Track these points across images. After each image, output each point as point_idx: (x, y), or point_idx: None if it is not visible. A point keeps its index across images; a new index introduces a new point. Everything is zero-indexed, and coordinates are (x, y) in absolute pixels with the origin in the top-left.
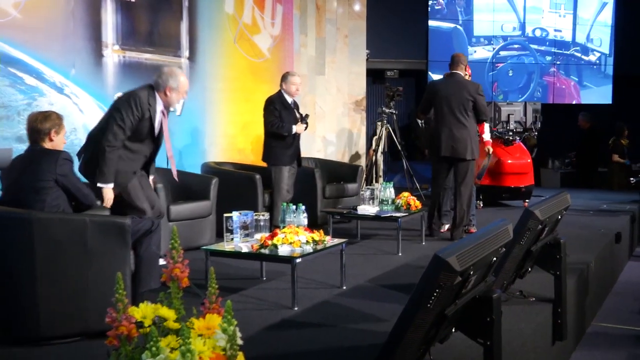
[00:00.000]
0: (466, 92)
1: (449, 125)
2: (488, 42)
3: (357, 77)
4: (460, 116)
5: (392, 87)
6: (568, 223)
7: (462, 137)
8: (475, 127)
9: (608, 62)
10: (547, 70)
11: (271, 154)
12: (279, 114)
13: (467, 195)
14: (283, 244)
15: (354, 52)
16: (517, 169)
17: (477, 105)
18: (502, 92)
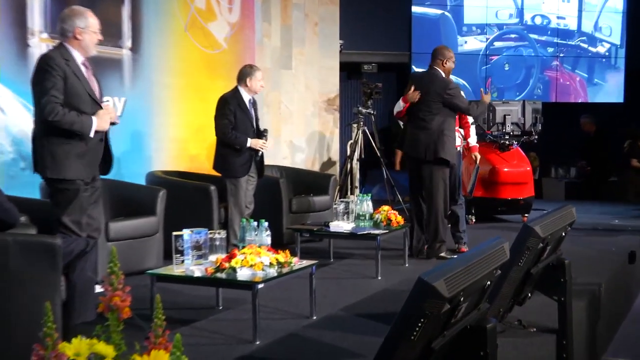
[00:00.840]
0: (432, 90)
1: (412, 123)
2: (481, 31)
3: (329, 71)
4: (422, 115)
5: (369, 83)
6: (574, 241)
7: (422, 138)
8: (446, 128)
9: (619, 54)
10: (549, 64)
11: (224, 164)
12: (233, 116)
13: (435, 205)
14: (242, 266)
15: (325, 42)
16: (515, 178)
17: (449, 105)
18: (497, 89)
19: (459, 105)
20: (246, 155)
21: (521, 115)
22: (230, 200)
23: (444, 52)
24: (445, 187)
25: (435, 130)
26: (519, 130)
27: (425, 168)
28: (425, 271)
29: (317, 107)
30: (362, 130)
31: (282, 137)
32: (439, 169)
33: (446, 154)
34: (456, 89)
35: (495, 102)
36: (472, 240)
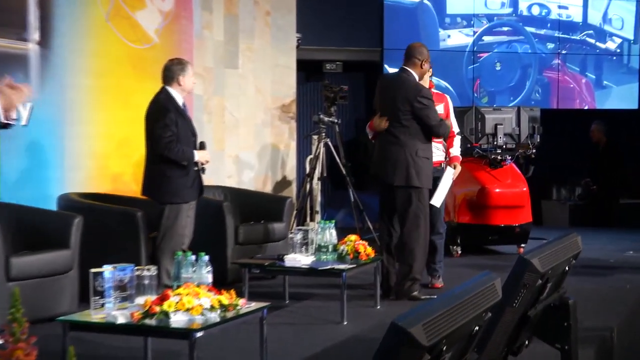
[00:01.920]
0: (402, 96)
1: (381, 138)
2: (467, 23)
3: (284, 71)
4: (392, 128)
5: (333, 86)
6: (580, 276)
7: (391, 156)
8: (420, 144)
9: (633, 50)
10: (549, 62)
11: (164, 186)
12: (175, 126)
13: (408, 236)
14: (177, 310)
15: (279, 36)
16: (509, 200)
17: (415, 116)
18: (486, 93)
19: (428, 120)
20: (192, 173)
21: (516, 125)
22: (165, 230)
23: (422, 50)
24: (424, 215)
25: (408, 146)
26: (513, 142)
27: (399, 193)
28: (400, 314)
29: (269, 114)
30: (325, 143)
31: (226, 151)
32: (416, 193)
33: (422, 180)
34: (430, 100)
35: (484, 109)
36: (457, 276)
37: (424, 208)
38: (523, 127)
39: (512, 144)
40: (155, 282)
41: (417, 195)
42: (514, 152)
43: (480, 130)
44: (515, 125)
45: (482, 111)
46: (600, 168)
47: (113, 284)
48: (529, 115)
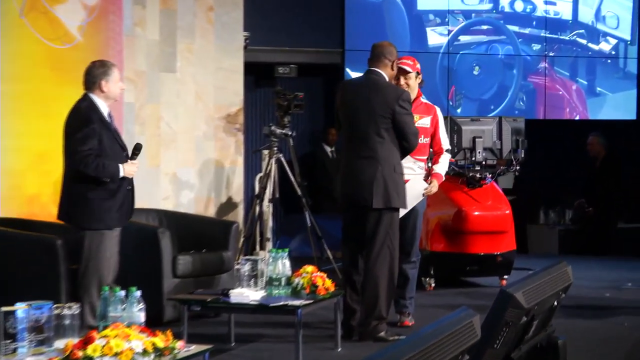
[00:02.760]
0: (381, 101)
1: (351, 154)
2: (441, 21)
3: (229, 76)
4: (368, 139)
5: (286, 92)
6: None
7: (367, 173)
8: (396, 158)
9: (629, 52)
10: (535, 66)
11: (85, 209)
12: (99, 141)
13: (377, 267)
14: (104, 355)
15: (224, 35)
16: (489, 225)
17: (395, 123)
18: (463, 102)
19: (408, 128)
20: (120, 193)
21: (497, 138)
22: (88, 261)
23: (392, 50)
24: (396, 240)
25: (387, 161)
26: (494, 158)
27: (371, 216)
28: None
29: (212, 125)
30: (277, 159)
31: (162, 168)
32: (389, 217)
33: (401, 200)
34: (410, 106)
35: (460, 120)
36: (430, 313)
37: (395, 230)
38: (505, 141)
39: (492, 160)
40: (78, 322)
41: (390, 218)
42: (495, 169)
43: (456, 144)
44: (497, 139)
45: (458, 122)
46: (596, 187)
47: (27, 325)
48: (512, 126)
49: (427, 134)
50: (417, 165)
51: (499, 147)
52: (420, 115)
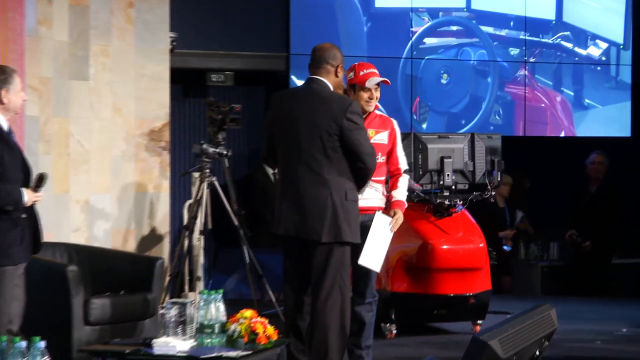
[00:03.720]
0: (325, 115)
1: (293, 178)
2: (403, 20)
3: (153, 84)
4: (313, 161)
5: (221, 104)
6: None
7: (313, 202)
8: (349, 182)
9: (622, 58)
10: (513, 74)
11: None
12: None
13: (326, 311)
14: None
15: (146, 36)
16: (461, 261)
17: (344, 140)
18: (428, 115)
19: (360, 146)
20: (20, 224)
21: (469, 159)
22: None
23: (335, 53)
24: (347, 280)
25: (335, 187)
26: (466, 182)
27: (318, 252)
28: None
29: (132, 143)
30: (209, 183)
31: (72, 194)
32: (340, 252)
33: (353, 233)
34: (361, 120)
35: (426, 137)
36: None
37: (346, 270)
38: (479, 162)
39: (464, 184)
40: None
41: (341, 253)
42: (467, 194)
43: (421, 165)
44: (469, 159)
45: (422, 139)
46: (591, 216)
47: None
48: (487, 145)
49: (384, 151)
50: (373, 189)
51: (471, 168)
52: (376, 130)
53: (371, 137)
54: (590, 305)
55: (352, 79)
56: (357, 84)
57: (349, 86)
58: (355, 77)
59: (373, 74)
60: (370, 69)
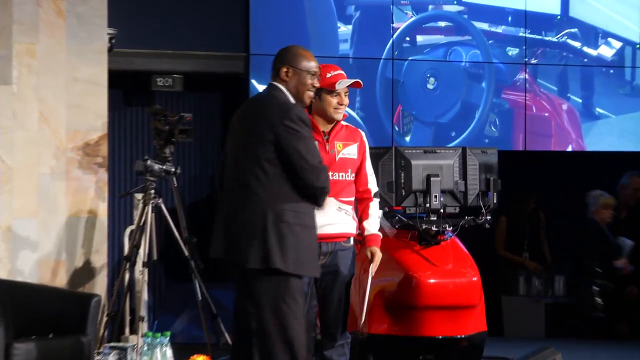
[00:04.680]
0: (262, 123)
1: (227, 196)
2: (382, 16)
3: (88, 89)
4: (247, 176)
5: (169, 113)
6: None
7: (242, 221)
8: (290, 202)
9: (638, 59)
10: (512, 77)
11: None
12: None
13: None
14: None
15: (80, 33)
16: (450, 297)
17: (280, 151)
18: (412, 126)
19: (299, 158)
20: None
21: (460, 177)
22: None
23: (295, 55)
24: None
25: (270, 206)
26: (457, 204)
27: (254, 282)
28: None
29: (63, 159)
30: (155, 206)
31: None
32: (281, 284)
33: (287, 260)
34: (306, 126)
35: (409, 151)
36: None
37: (294, 310)
38: (472, 181)
39: (454, 207)
40: None
41: (283, 288)
42: (458, 219)
43: (404, 185)
44: (460, 178)
45: (405, 155)
46: None
47: None
48: (481, 161)
49: (354, 167)
50: (343, 212)
51: (463, 189)
52: (343, 143)
53: (339, 152)
54: (604, 349)
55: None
56: (324, 87)
57: None
58: (320, 81)
59: (341, 76)
60: (337, 71)
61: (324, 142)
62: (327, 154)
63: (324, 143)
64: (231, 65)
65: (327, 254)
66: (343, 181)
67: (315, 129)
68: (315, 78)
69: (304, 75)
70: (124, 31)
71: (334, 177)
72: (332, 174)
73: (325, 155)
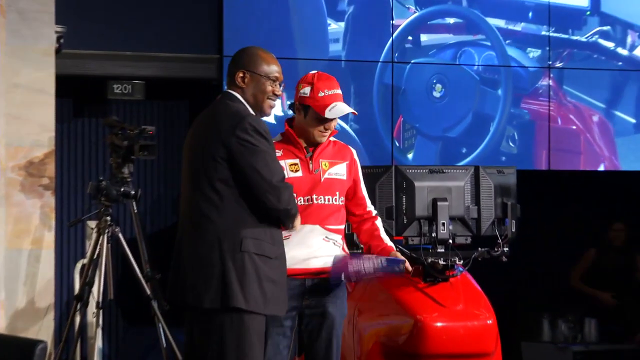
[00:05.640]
0: (214, 136)
1: (180, 224)
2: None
3: (31, 98)
4: (200, 199)
5: (128, 126)
6: None
7: (195, 253)
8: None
9: None
10: (533, 84)
11: None
12: None
13: None
14: None
15: (23, 30)
16: (462, 343)
17: (234, 167)
18: (415, 141)
19: (256, 176)
20: None
21: (472, 202)
22: None
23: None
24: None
25: (226, 233)
26: (469, 234)
27: (211, 322)
28: None
29: (2, 181)
30: (111, 236)
31: None
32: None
33: (249, 296)
34: (262, 138)
35: (412, 171)
36: None
37: (255, 354)
38: (486, 206)
39: (465, 237)
40: None
41: (236, 328)
42: (470, 252)
43: (406, 210)
44: (472, 203)
45: (408, 175)
46: None
47: None
48: (497, 182)
49: (343, 190)
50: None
51: (476, 215)
52: (330, 162)
53: (324, 171)
54: None
55: (305, 97)
56: (313, 107)
57: (298, 104)
58: (312, 98)
59: (337, 98)
60: (333, 90)
61: (307, 160)
62: (310, 174)
63: (306, 161)
64: (201, 70)
65: (312, 293)
66: (330, 206)
67: (296, 144)
68: (277, 84)
69: (263, 82)
70: (75, 29)
71: (318, 200)
72: (316, 197)
73: (308, 176)
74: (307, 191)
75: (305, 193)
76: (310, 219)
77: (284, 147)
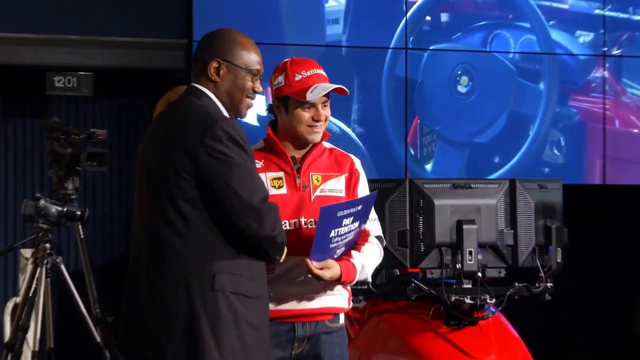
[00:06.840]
0: (177, 146)
1: (133, 256)
2: None
3: None
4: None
5: (71, 129)
6: None
7: (155, 298)
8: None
9: None
10: (584, 76)
11: None
12: None
13: None
14: None
15: None
16: None
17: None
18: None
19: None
20: None
21: (507, 225)
22: None
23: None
24: None
25: (194, 269)
26: (502, 265)
27: None
28: None
29: None
30: (51, 267)
31: None
32: None
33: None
34: (238, 149)
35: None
36: None
37: None
38: (524, 230)
39: (499, 269)
40: None
41: None
42: (504, 287)
43: (424, 235)
44: (506, 226)
45: (426, 191)
46: None
47: None
48: (538, 200)
49: None
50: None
51: (511, 242)
52: (323, 175)
53: (316, 187)
54: None
55: (280, 87)
56: (292, 96)
57: (275, 101)
58: (287, 85)
59: (318, 78)
60: (312, 70)
61: (293, 174)
62: (297, 191)
63: (293, 175)
64: (166, 58)
65: (304, 340)
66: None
67: (281, 155)
68: (257, 79)
69: (243, 76)
70: (7, 11)
71: (308, 225)
72: (305, 220)
73: (294, 193)
74: (293, 213)
75: (291, 215)
76: (297, 249)
77: (266, 156)
